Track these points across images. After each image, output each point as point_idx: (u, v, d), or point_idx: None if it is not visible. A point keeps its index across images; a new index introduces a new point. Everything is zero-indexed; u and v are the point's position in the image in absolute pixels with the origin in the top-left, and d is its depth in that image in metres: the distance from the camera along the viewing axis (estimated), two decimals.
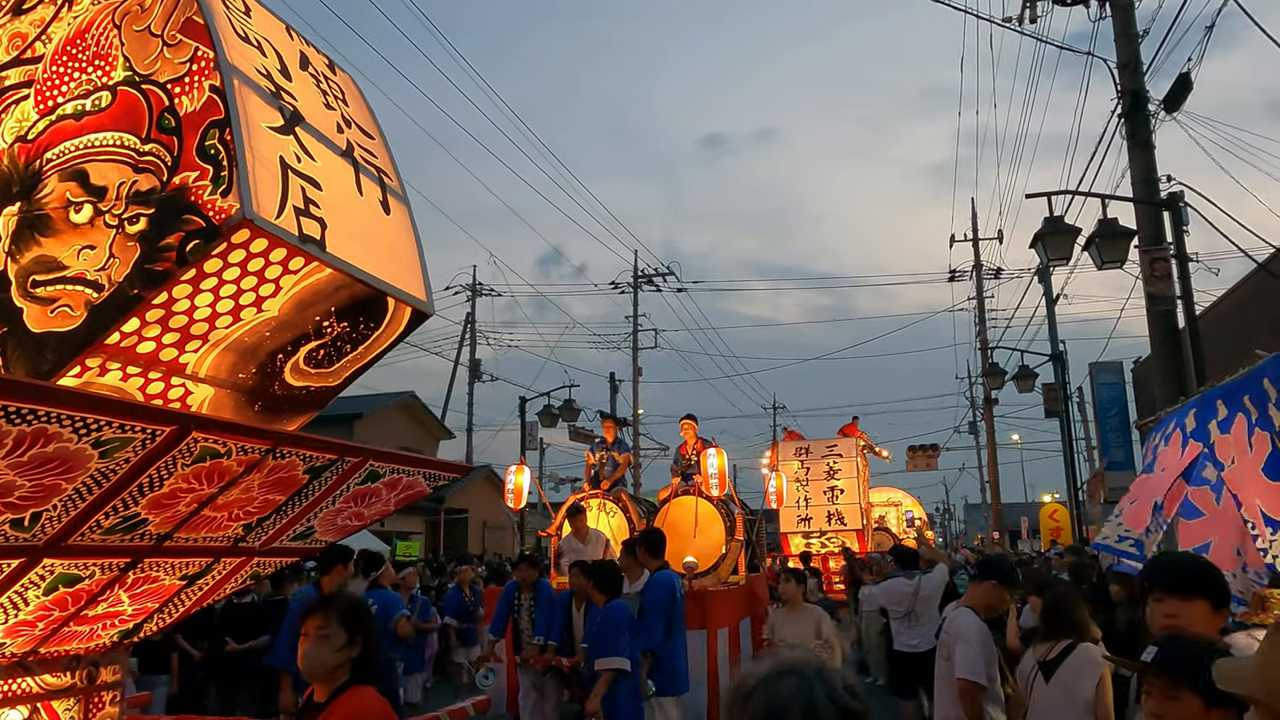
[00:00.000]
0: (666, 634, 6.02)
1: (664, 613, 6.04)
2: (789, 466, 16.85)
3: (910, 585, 7.77)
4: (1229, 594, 2.50)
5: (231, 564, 2.46)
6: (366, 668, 2.63)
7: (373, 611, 3.00)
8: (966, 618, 4.23)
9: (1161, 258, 8.52)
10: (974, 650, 4.04)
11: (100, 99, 1.92)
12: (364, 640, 2.64)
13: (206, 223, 1.77)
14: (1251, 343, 3.55)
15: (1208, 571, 2.52)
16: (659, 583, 6.24)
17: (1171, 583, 2.49)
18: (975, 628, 4.15)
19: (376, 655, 2.71)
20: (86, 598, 2.12)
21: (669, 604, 6.10)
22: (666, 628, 6.03)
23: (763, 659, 1.24)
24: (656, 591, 6.17)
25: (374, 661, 2.68)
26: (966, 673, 4.00)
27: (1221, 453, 3.68)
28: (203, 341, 2.00)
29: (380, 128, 2.63)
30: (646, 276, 30.47)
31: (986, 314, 27.98)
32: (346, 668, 2.61)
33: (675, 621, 6.10)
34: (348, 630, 2.62)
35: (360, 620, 2.67)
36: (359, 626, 2.65)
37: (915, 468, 31.13)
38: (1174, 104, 9.05)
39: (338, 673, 2.61)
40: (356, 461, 2.31)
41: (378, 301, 2.27)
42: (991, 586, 4.22)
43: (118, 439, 1.68)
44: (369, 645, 2.65)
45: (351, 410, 24.83)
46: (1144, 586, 2.60)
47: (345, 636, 2.61)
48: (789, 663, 1.16)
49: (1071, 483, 18.28)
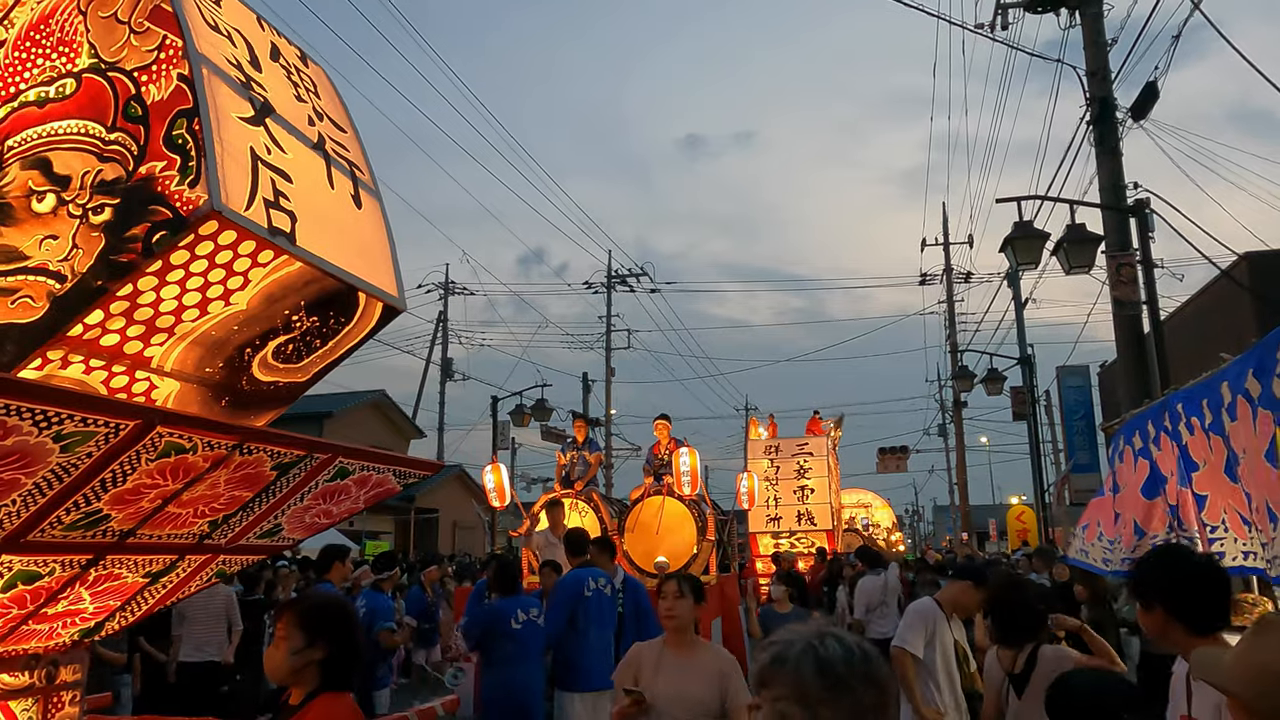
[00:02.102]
0: (570, 629, 6.08)
1: (565, 608, 6.15)
2: (759, 465, 16.75)
3: (879, 580, 9.29)
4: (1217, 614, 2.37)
5: (196, 562, 2.42)
6: (337, 672, 2.50)
7: (360, 614, 2.84)
8: (922, 602, 4.58)
9: (1127, 263, 8.65)
10: (908, 622, 4.45)
11: (64, 86, 1.88)
12: (328, 644, 2.50)
13: (173, 213, 1.74)
14: (1214, 347, 3.61)
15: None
16: (565, 582, 6.39)
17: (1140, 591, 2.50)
18: (919, 607, 4.50)
19: (350, 659, 2.56)
20: (46, 595, 2.07)
21: (572, 601, 6.19)
22: (570, 623, 6.11)
23: (792, 630, 1.41)
24: (560, 590, 6.34)
25: (345, 666, 2.53)
26: (897, 640, 4.39)
27: (1196, 454, 3.72)
28: (168, 335, 1.97)
29: (353, 121, 2.60)
30: (620, 277, 30.48)
31: (957, 318, 28.28)
32: (313, 671, 2.49)
33: (582, 618, 6.16)
34: (306, 633, 2.49)
35: (323, 623, 2.53)
36: (320, 629, 2.51)
37: (885, 470, 31.39)
38: (1141, 112, 9.19)
39: (303, 676, 2.49)
40: (325, 458, 2.28)
41: (348, 296, 2.25)
42: (966, 586, 4.40)
43: (80, 433, 1.65)
44: (337, 649, 2.52)
45: (322, 409, 24.60)
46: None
47: (303, 639, 2.49)
48: (826, 628, 1.36)
49: (1038, 485, 18.51)
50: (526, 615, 5.95)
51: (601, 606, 6.35)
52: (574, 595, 6.26)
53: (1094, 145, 9.43)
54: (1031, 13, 10.36)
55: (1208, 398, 3.37)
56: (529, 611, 5.99)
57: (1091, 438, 18.10)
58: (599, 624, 6.26)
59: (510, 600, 5.98)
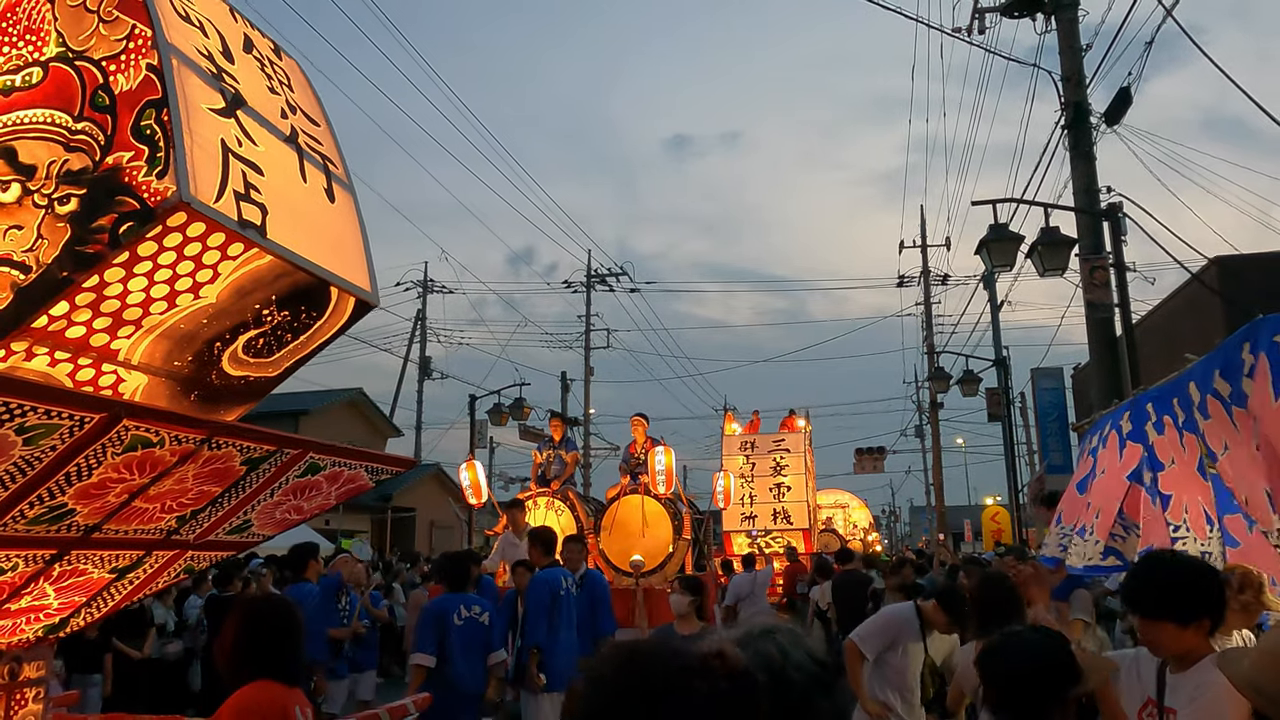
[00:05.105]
0: (549, 631, 6.09)
1: (544, 611, 6.15)
2: (734, 462, 16.50)
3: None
4: (1201, 609, 2.36)
5: (164, 557, 2.40)
6: (266, 664, 2.56)
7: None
8: (901, 607, 4.63)
9: (1101, 266, 8.75)
10: (874, 622, 4.56)
11: (31, 75, 1.85)
12: (254, 640, 2.59)
13: (141, 204, 1.72)
14: (1184, 350, 3.65)
15: (1175, 588, 2.38)
16: (540, 581, 6.34)
17: (1134, 601, 2.51)
18: (891, 611, 4.59)
19: (281, 653, 2.62)
20: (9, 590, 2.05)
21: (549, 602, 6.19)
22: (549, 625, 6.11)
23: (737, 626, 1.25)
24: (537, 590, 6.29)
25: (274, 658, 2.60)
26: (855, 634, 4.48)
27: (1161, 454, 3.76)
28: (136, 327, 1.95)
29: (327, 115, 2.58)
30: (600, 276, 30.43)
31: (934, 319, 28.44)
32: (244, 664, 2.56)
33: (556, 620, 6.15)
34: (237, 629, 2.60)
35: (251, 620, 2.64)
36: (249, 626, 2.61)
37: (863, 470, 31.50)
38: (1114, 117, 9.29)
39: (240, 673, 2.55)
40: (296, 453, 2.27)
41: (320, 291, 2.23)
42: (933, 606, 4.45)
43: (43, 425, 1.63)
44: (264, 643, 2.59)
45: (297, 406, 24.37)
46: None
47: (233, 635, 2.60)
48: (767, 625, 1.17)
49: (1013, 486, 18.67)
50: (469, 612, 5.84)
51: (571, 607, 6.35)
52: (551, 597, 6.23)
53: (1068, 149, 9.53)
54: (1008, 17, 10.45)
55: (1178, 397, 3.41)
56: (472, 609, 5.89)
57: (1065, 439, 18.24)
58: (568, 624, 6.25)
59: (455, 596, 5.87)
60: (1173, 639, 2.37)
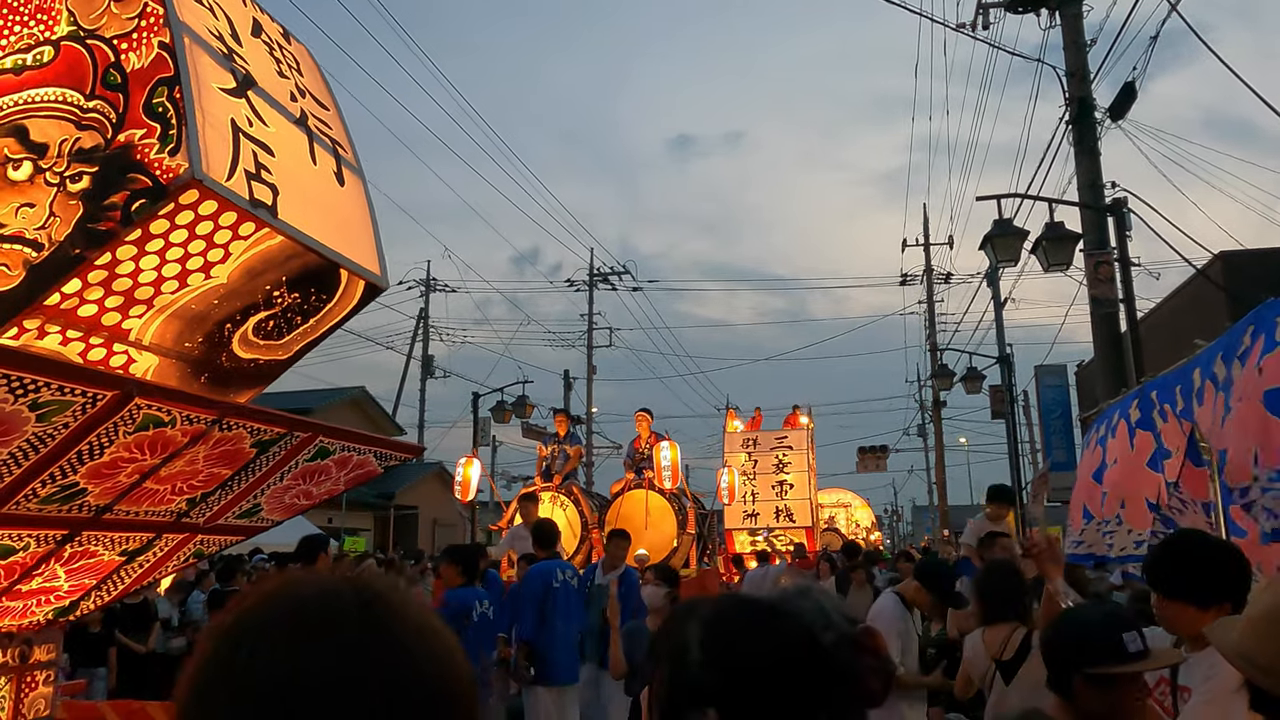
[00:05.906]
0: (540, 623, 6.08)
1: (536, 603, 6.16)
2: (736, 458, 16.40)
3: None
4: (1222, 593, 2.30)
5: (174, 540, 2.40)
6: None
7: None
8: (886, 601, 4.62)
9: (1105, 261, 8.74)
10: (882, 629, 4.39)
11: (42, 54, 1.85)
12: None
13: (153, 182, 1.72)
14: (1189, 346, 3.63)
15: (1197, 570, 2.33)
16: (533, 574, 6.38)
17: (1156, 580, 2.46)
18: (890, 613, 4.51)
19: None
20: (20, 571, 2.05)
21: (541, 595, 6.20)
22: (540, 617, 6.10)
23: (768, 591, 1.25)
24: (529, 582, 6.34)
25: None
26: None
27: (1169, 442, 3.76)
28: (147, 307, 1.94)
29: (335, 100, 2.58)
30: (603, 275, 30.43)
31: (936, 317, 28.43)
32: None
33: (550, 612, 6.16)
34: None
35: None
36: None
37: (865, 469, 31.47)
38: (1119, 112, 9.28)
39: None
40: (306, 437, 2.27)
41: (330, 273, 2.23)
42: (915, 588, 4.45)
43: (56, 402, 1.63)
44: None
45: (302, 405, 24.37)
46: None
47: None
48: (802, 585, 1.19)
49: (1016, 484, 18.63)
50: (482, 607, 5.94)
51: (569, 599, 6.31)
52: (544, 589, 6.23)
53: (1073, 145, 9.52)
54: (1012, 12, 10.45)
55: (1181, 384, 3.41)
56: (483, 603, 5.98)
57: (1069, 437, 18.22)
58: (565, 617, 6.23)
59: (470, 591, 5.97)
60: (1191, 621, 2.32)
